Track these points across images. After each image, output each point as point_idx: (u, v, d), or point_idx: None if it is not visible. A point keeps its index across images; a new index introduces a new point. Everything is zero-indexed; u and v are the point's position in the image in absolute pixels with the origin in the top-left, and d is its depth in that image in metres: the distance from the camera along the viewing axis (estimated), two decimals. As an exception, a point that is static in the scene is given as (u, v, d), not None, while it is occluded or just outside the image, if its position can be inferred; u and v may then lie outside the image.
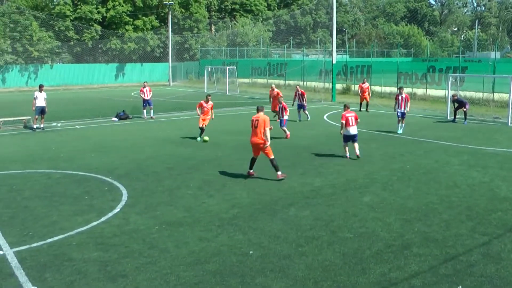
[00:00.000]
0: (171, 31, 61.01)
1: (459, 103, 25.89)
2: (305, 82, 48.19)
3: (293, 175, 14.57)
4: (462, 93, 32.00)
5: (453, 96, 26.54)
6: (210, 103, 20.93)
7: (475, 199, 12.49)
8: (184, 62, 66.56)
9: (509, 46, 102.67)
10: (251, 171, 14.62)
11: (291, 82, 50.14)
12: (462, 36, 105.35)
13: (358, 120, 17.48)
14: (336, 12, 38.83)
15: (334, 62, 38.16)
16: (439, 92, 36.99)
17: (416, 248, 9.27)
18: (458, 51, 67.59)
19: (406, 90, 38.98)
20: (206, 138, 20.32)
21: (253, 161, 14.58)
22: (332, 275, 8.16)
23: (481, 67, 38.80)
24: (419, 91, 39.06)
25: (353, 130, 17.05)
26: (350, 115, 17.07)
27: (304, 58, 56.73)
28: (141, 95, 28.10)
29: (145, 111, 28.25)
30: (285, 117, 21.58)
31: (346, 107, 17.54)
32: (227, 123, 25.95)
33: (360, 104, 31.52)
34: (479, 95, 34.49)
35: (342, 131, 17.13)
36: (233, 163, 16.51)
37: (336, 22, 39.08)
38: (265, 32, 75.64)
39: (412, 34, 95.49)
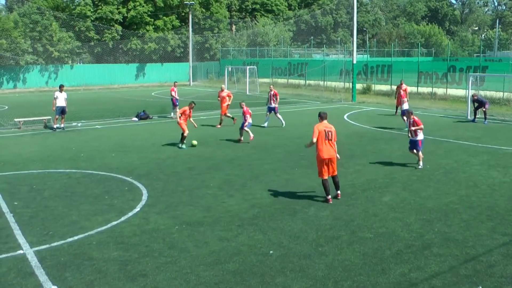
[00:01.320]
0: (192, 31, 61.26)
1: (479, 103, 25.64)
2: (325, 82, 48.07)
3: (312, 175, 14.53)
4: (482, 93, 31.67)
5: (473, 96, 26.28)
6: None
7: (496, 199, 12.37)
8: (204, 62, 66.77)
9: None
10: (330, 196, 12.21)
11: (312, 82, 50.06)
12: (483, 36, 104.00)
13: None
14: (357, 11, 38.64)
15: (354, 62, 38.00)
16: (460, 92, 36.64)
17: (436, 248, 9.21)
18: (478, 50, 66.71)
19: (427, 89, 39.10)
20: (195, 142, 19.57)
21: (328, 183, 12.16)
22: (352, 275, 8.14)
23: (502, 66, 38.42)
24: (440, 91, 38.72)
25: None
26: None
27: (324, 58, 56.52)
28: (173, 94, 28.40)
29: (177, 110, 28.40)
30: (249, 120, 20.30)
31: (411, 113, 16.37)
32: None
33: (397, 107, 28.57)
34: (500, 94, 34.12)
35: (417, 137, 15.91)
36: (253, 163, 16.54)
37: (357, 21, 38.91)
38: (285, 32, 75.60)
39: (432, 34, 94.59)
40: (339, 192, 12.38)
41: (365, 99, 37.83)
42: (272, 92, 24.78)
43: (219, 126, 24.64)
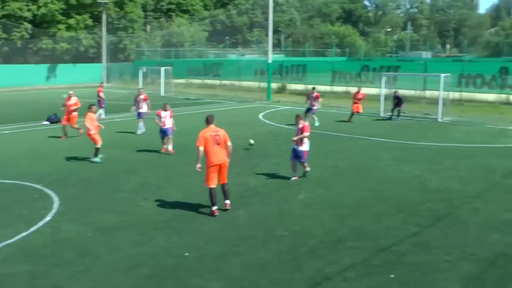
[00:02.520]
0: (105, 31, 59.80)
1: (398, 100, 26.41)
2: (241, 82, 48.29)
3: (228, 175, 14.48)
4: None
5: (395, 92, 27.01)
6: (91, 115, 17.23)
7: (406, 192, 12.92)
8: (118, 63, 65.31)
9: (439, 46, 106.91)
10: (216, 208, 11.31)
11: (227, 82, 50.13)
12: (395, 37, 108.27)
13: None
14: (272, 11, 39.02)
15: (269, 61, 38.36)
16: (373, 91, 37.69)
17: (349, 242, 9.49)
18: (391, 51, 69.32)
19: (341, 88, 40.17)
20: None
21: (215, 192, 11.34)
22: (267, 273, 8.21)
23: (414, 66, 40.05)
24: (354, 90, 39.73)
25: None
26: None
27: (240, 58, 56.75)
28: (101, 95, 27.98)
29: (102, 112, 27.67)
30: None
31: (300, 117, 14.66)
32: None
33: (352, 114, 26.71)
34: (412, 92, 35.57)
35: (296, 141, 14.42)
36: (170, 165, 16.36)
37: (272, 21, 39.28)
38: (201, 32, 75.31)
39: (347, 34, 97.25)
40: (227, 201, 11.49)
41: (280, 98, 38.25)
42: (142, 96, 22.61)
43: (63, 138, 21.60)
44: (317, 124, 23.84)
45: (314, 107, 24.67)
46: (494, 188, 13.47)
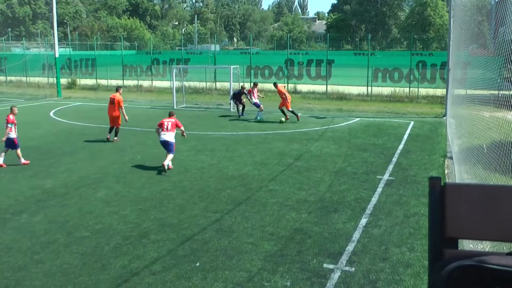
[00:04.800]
0: None
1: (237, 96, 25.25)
2: (28, 78, 45.24)
3: (22, 179, 13.63)
4: (187, 84, 33.41)
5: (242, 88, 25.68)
6: None
7: (206, 181, 13.33)
8: None
9: (227, 40, 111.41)
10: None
11: (13, 78, 46.65)
12: (183, 30, 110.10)
13: (180, 127, 15.30)
14: (56, 3, 37.07)
15: (57, 55, 36.50)
16: (165, 84, 38.15)
17: (153, 235, 9.52)
18: (180, 44, 70.07)
19: (132, 82, 39.78)
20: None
21: None
22: (72, 278, 7.90)
23: (203, 58, 41.05)
24: (145, 83, 39.80)
25: (167, 136, 14.74)
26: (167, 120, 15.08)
27: (25, 52, 52.96)
28: None
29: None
30: None
31: (170, 114, 15.63)
32: None
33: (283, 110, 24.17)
34: (203, 84, 36.58)
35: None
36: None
37: (57, 13, 37.38)
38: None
39: (134, 27, 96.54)
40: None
41: (71, 94, 36.68)
42: None
43: None
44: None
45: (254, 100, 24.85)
46: (287, 170, 14.55)
